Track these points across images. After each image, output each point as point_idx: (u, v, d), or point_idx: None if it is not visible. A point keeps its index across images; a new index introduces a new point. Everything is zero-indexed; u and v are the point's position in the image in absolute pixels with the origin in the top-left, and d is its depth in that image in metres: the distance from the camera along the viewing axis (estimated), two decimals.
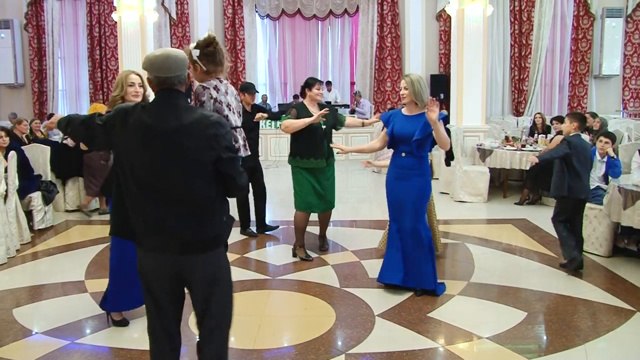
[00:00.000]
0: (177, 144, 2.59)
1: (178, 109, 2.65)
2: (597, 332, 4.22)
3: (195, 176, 2.63)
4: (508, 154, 9.09)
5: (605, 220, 6.03)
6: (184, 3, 15.52)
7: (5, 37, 15.22)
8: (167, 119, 2.62)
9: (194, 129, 2.60)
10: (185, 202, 2.65)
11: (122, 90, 4.10)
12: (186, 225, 2.67)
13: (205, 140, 2.60)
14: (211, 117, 2.66)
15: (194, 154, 2.60)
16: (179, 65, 2.68)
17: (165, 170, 2.61)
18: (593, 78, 15.33)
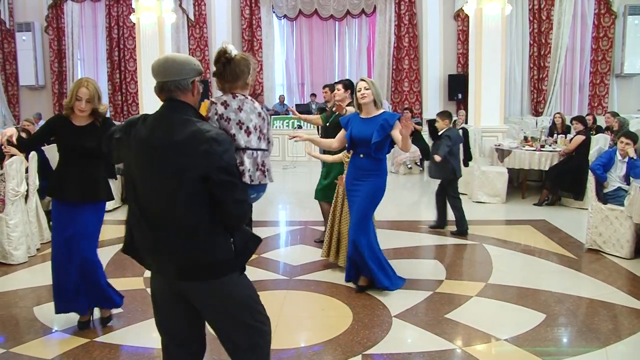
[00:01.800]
0: (169, 160, 2.39)
1: (174, 121, 2.45)
2: (618, 336, 4.16)
3: (186, 196, 2.39)
4: (527, 155, 9.02)
5: (627, 222, 5.95)
6: (202, 4, 15.59)
7: (26, 40, 15.41)
8: (160, 132, 2.44)
9: (186, 145, 2.37)
10: (178, 224, 2.43)
11: (70, 100, 4.09)
12: (181, 248, 2.46)
13: (197, 157, 2.35)
14: (208, 132, 2.38)
15: (185, 171, 2.37)
16: (177, 69, 2.50)
17: (158, 188, 2.43)
18: (614, 77, 15.14)
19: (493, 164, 9.88)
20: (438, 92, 15.37)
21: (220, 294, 2.54)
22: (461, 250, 6.49)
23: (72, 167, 4.15)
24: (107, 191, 4.30)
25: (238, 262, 2.57)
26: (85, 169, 4.14)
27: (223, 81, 2.70)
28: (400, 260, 5.99)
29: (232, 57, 2.71)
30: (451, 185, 7.10)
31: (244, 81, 2.73)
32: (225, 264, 2.51)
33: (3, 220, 5.95)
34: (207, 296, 2.55)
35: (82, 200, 4.13)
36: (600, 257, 6.07)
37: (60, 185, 4.16)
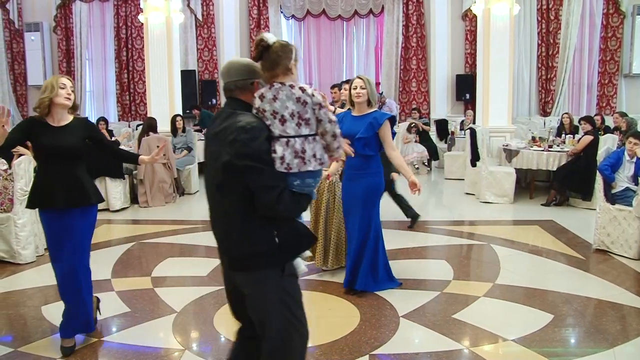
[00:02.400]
0: (211, 151, 2.64)
1: (226, 115, 2.62)
2: (626, 336, 4.14)
3: (220, 184, 2.56)
4: (535, 155, 9.00)
5: (635, 222, 5.93)
6: (210, 4, 15.61)
7: (35, 40, 15.46)
8: (214, 124, 2.67)
9: (220, 135, 2.55)
10: (220, 213, 2.63)
11: (52, 92, 3.82)
12: (225, 237, 2.63)
13: (226, 145, 2.49)
14: (239, 122, 2.51)
15: (217, 160, 2.54)
16: (238, 71, 2.69)
17: (209, 178, 2.67)
18: (623, 77, 15.04)
19: (501, 164, 9.86)
20: (446, 92, 15.33)
21: (254, 287, 2.61)
22: (469, 251, 6.48)
23: (56, 172, 3.87)
24: (97, 193, 4.08)
25: (280, 256, 2.59)
26: (71, 171, 3.91)
27: (263, 70, 2.71)
28: (407, 260, 5.99)
29: (270, 45, 2.70)
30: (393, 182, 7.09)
31: (284, 67, 2.70)
32: (264, 257, 2.55)
33: (11, 220, 5.99)
34: (245, 287, 2.64)
35: (73, 206, 3.87)
36: (608, 258, 6.05)
37: (48, 193, 3.84)
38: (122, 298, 5.00)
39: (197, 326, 4.47)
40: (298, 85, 2.65)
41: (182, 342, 4.14)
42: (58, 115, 3.91)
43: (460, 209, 8.90)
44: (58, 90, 3.84)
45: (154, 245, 6.81)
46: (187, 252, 6.58)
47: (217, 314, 4.62)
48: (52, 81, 3.88)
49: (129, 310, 4.72)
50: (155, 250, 6.60)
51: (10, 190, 6.04)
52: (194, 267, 5.98)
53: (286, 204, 2.52)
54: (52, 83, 3.86)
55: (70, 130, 3.91)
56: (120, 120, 15.78)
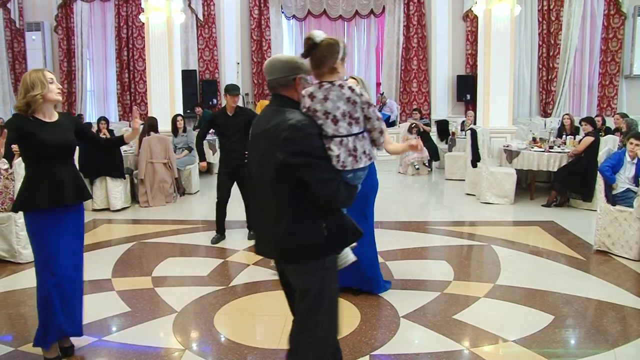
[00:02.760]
0: (260, 147, 2.70)
1: (272, 112, 2.72)
2: (626, 337, 4.14)
3: (272, 181, 2.64)
4: (535, 156, 8.99)
5: (636, 223, 5.93)
6: (211, 4, 15.61)
7: (36, 39, 15.47)
8: (261, 123, 2.74)
9: (271, 133, 2.63)
10: (269, 208, 2.69)
11: (43, 88, 3.63)
12: (274, 232, 2.70)
13: (278, 143, 2.58)
14: (289, 120, 2.60)
15: (268, 157, 2.62)
16: (279, 69, 2.74)
17: (255, 174, 2.76)
18: (624, 78, 15.04)
19: (501, 164, 9.85)
20: (447, 93, 15.34)
21: (303, 278, 2.75)
22: (469, 251, 6.48)
23: (60, 168, 3.75)
24: (87, 189, 4.01)
25: (329, 248, 2.73)
26: (70, 166, 3.84)
27: (312, 67, 2.78)
28: (408, 260, 5.99)
29: (317, 43, 2.75)
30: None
31: (329, 66, 2.75)
32: (314, 248, 2.68)
33: (12, 219, 5.99)
34: (294, 278, 2.79)
35: (82, 200, 3.86)
36: (609, 259, 6.04)
37: (58, 190, 3.70)
38: (122, 298, 4.99)
39: (197, 326, 4.47)
40: (346, 84, 2.72)
41: (182, 342, 4.13)
42: (49, 111, 3.76)
43: (461, 210, 8.90)
44: (49, 85, 3.68)
45: (155, 245, 6.81)
46: (188, 252, 6.58)
47: (217, 314, 4.61)
48: (38, 77, 3.66)
49: (129, 310, 4.71)
50: (155, 250, 6.60)
51: (11, 190, 6.03)
52: (194, 267, 5.98)
53: (343, 195, 2.66)
54: (39, 79, 3.65)
55: (62, 126, 3.79)
56: (121, 120, 15.79)
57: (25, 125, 3.61)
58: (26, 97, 3.62)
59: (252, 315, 4.74)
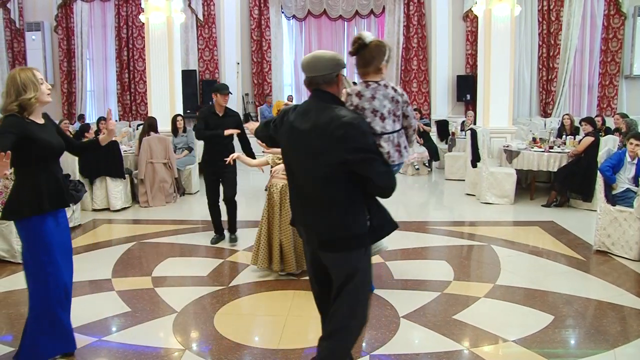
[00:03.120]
0: (310, 143, 2.75)
1: (318, 109, 2.79)
2: (626, 338, 4.14)
3: (324, 176, 2.75)
4: (535, 156, 8.99)
5: (636, 223, 5.93)
6: (211, 4, 15.61)
7: (36, 39, 15.48)
8: (306, 118, 2.79)
9: (324, 129, 2.70)
10: (318, 201, 2.81)
11: (36, 90, 3.47)
12: (321, 222, 2.84)
13: (334, 140, 2.67)
14: (344, 117, 2.70)
15: (322, 154, 2.71)
16: (324, 65, 2.82)
17: (302, 168, 2.83)
18: (624, 78, 15.05)
19: (501, 165, 9.85)
20: (447, 93, 15.34)
21: (349, 265, 2.86)
22: (469, 252, 6.48)
23: (56, 171, 3.67)
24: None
25: (371, 238, 2.89)
26: (59, 169, 3.75)
27: (357, 66, 2.95)
28: (408, 261, 5.99)
29: (366, 44, 2.89)
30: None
31: (375, 67, 2.89)
32: (360, 238, 2.84)
33: None
34: (339, 265, 2.88)
35: (76, 202, 3.87)
36: (609, 259, 6.04)
37: (57, 193, 3.64)
38: (122, 298, 4.99)
39: (197, 326, 4.47)
40: (390, 84, 2.90)
41: (182, 342, 4.13)
42: (39, 113, 3.60)
43: (461, 210, 8.90)
44: (40, 86, 3.51)
45: (155, 245, 6.81)
46: (188, 252, 6.57)
47: (217, 314, 4.62)
48: (29, 77, 3.47)
49: (129, 310, 4.71)
50: (155, 250, 6.60)
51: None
52: (194, 267, 5.98)
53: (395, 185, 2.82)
54: (31, 80, 3.46)
55: (49, 128, 3.64)
56: (120, 120, 15.79)
57: (27, 127, 3.43)
58: (19, 100, 3.43)
59: (252, 315, 4.74)
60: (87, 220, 8.10)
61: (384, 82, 2.87)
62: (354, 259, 2.87)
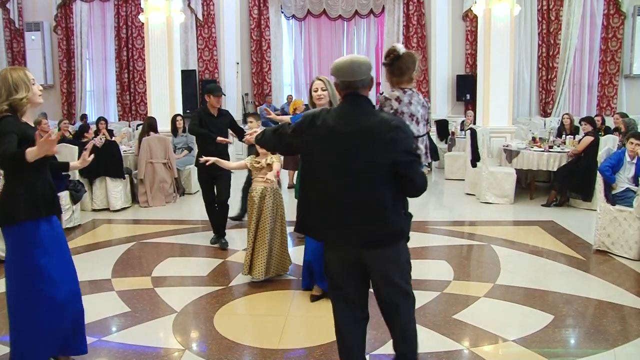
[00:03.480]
0: (355, 146, 2.78)
1: (360, 112, 2.85)
2: (626, 337, 4.14)
3: (371, 177, 2.80)
4: (535, 155, 8.99)
5: (636, 223, 5.93)
6: (210, 4, 15.61)
7: (35, 39, 15.47)
8: (347, 122, 2.81)
9: (373, 133, 2.76)
10: (364, 201, 2.83)
11: (28, 90, 3.32)
12: (365, 222, 2.86)
13: (383, 143, 2.75)
14: (392, 121, 2.81)
15: (371, 156, 2.76)
16: (362, 69, 2.86)
17: (345, 171, 2.81)
18: (623, 78, 15.05)
19: (501, 164, 9.85)
20: (446, 93, 15.33)
21: (392, 258, 2.97)
22: (469, 251, 6.48)
23: (47, 176, 3.50)
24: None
25: (407, 230, 3.08)
26: (49, 175, 3.54)
27: (391, 75, 3.15)
28: None
29: (400, 55, 3.13)
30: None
31: (409, 76, 3.16)
32: (400, 232, 2.98)
33: None
34: (382, 260, 2.94)
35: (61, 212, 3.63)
36: (609, 259, 6.04)
37: (50, 199, 3.47)
38: (122, 298, 4.99)
39: (197, 326, 4.47)
40: (419, 92, 3.16)
41: (182, 342, 4.13)
42: (30, 116, 3.47)
43: (461, 210, 8.90)
44: (32, 87, 3.36)
45: (154, 245, 6.81)
46: (187, 252, 6.57)
47: (217, 314, 4.62)
48: (21, 77, 3.33)
49: (129, 310, 4.71)
50: (155, 250, 6.60)
51: None
52: (194, 267, 5.98)
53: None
54: (23, 80, 3.32)
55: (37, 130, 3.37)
56: (120, 120, 15.79)
57: (25, 129, 3.30)
58: (9, 100, 3.27)
59: (252, 315, 4.75)
60: (87, 220, 8.10)
61: (414, 89, 3.10)
62: (400, 249, 3.01)
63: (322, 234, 3.02)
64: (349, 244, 2.93)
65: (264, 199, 5.24)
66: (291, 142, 3.03)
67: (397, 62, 3.09)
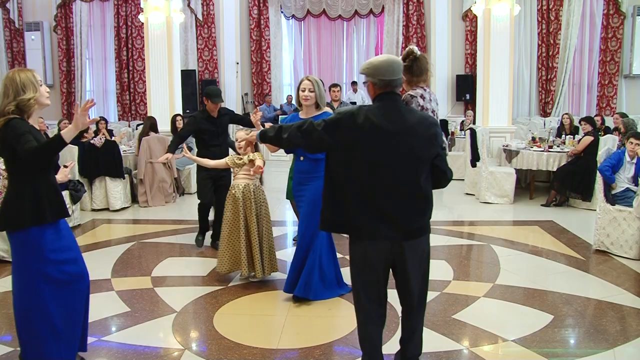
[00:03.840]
0: (403, 142, 2.92)
1: (401, 110, 2.99)
2: (626, 337, 4.14)
3: (418, 171, 2.97)
4: (535, 155, 9.00)
5: (635, 223, 5.93)
6: (210, 4, 15.62)
7: (35, 39, 15.48)
8: (392, 120, 2.93)
9: (418, 129, 2.95)
10: (411, 193, 2.98)
11: (35, 91, 3.28)
12: (410, 214, 3.00)
13: (427, 138, 2.97)
14: (430, 118, 3.10)
15: (418, 151, 2.94)
16: (399, 69, 3.02)
17: (393, 166, 2.93)
18: (623, 78, 15.05)
19: (501, 164, 9.86)
20: (446, 93, 15.35)
21: (425, 247, 3.15)
22: (469, 251, 6.48)
23: (53, 179, 3.47)
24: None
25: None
26: (55, 178, 3.51)
27: (411, 75, 3.38)
28: None
29: (417, 56, 3.45)
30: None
31: (426, 75, 3.46)
32: (429, 223, 3.15)
33: None
34: (419, 249, 3.09)
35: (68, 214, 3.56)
36: (608, 259, 6.04)
37: (59, 202, 3.42)
38: (122, 298, 4.99)
39: (197, 326, 4.47)
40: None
41: (182, 342, 4.13)
42: (36, 118, 3.43)
43: (460, 210, 8.90)
44: (39, 88, 3.32)
45: (154, 245, 6.81)
46: (187, 252, 6.57)
47: (217, 314, 4.61)
48: (28, 78, 3.29)
49: (129, 310, 4.71)
50: (155, 250, 6.60)
51: None
52: (194, 267, 5.98)
53: None
54: (30, 80, 3.29)
55: (41, 135, 3.40)
56: (120, 119, 15.80)
57: (33, 131, 3.24)
58: (17, 101, 3.22)
59: (252, 315, 4.74)
60: (87, 220, 8.10)
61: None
62: (428, 239, 3.18)
63: (365, 229, 3.03)
64: (392, 237, 3.01)
65: (247, 196, 5.15)
66: (323, 138, 3.03)
67: (417, 63, 3.39)
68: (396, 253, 3.04)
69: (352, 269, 3.19)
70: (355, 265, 3.16)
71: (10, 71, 3.34)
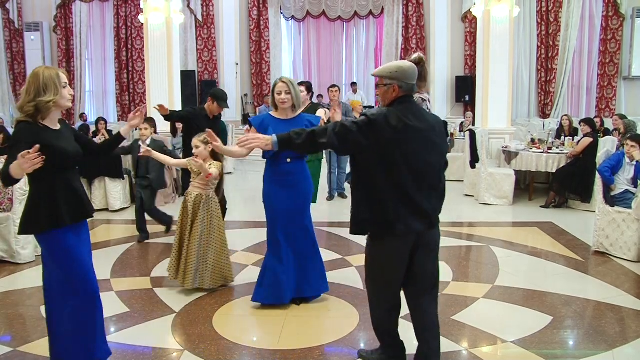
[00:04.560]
0: (431, 140, 3.21)
1: (420, 111, 3.31)
2: (625, 338, 4.14)
3: (440, 166, 3.30)
4: (534, 157, 9.00)
5: (634, 225, 5.93)
6: (210, 5, 15.63)
7: (35, 40, 15.48)
8: (419, 120, 3.17)
9: (436, 127, 3.27)
10: (437, 188, 3.30)
11: (56, 93, 3.20)
12: (436, 206, 3.35)
13: (443, 137, 3.36)
14: (438, 118, 3.44)
15: (440, 146, 3.29)
16: (417, 74, 3.28)
17: (424, 163, 3.18)
18: (622, 79, 15.07)
19: (500, 165, 9.86)
20: (445, 94, 15.36)
21: (438, 233, 3.55)
22: (468, 252, 6.48)
23: (75, 180, 3.41)
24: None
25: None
26: (76, 178, 3.46)
27: (419, 80, 3.42)
28: None
29: (424, 63, 3.65)
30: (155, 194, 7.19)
31: (426, 80, 3.87)
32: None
33: (11, 220, 5.98)
34: (436, 236, 3.53)
35: (93, 213, 3.54)
36: (608, 260, 6.05)
37: (79, 204, 3.37)
38: (121, 298, 4.99)
39: (196, 326, 4.47)
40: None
41: (181, 342, 4.13)
42: (56, 117, 3.35)
43: (460, 211, 8.90)
44: (62, 91, 3.24)
45: (154, 245, 6.81)
46: None
47: (217, 314, 4.61)
48: (52, 79, 3.21)
49: (128, 310, 4.71)
50: (154, 250, 6.60)
51: (10, 190, 6.03)
52: None
53: None
54: (54, 82, 3.20)
55: (66, 134, 3.39)
56: (119, 120, 15.81)
57: (40, 134, 3.15)
58: (36, 101, 3.16)
59: (251, 315, 4.74)
60: None
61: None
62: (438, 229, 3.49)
63: (400, 224, 3.19)
64: (421, 229, 3.30)
65: (198, 207, 5.05)
66: (359, 140, 3.10)
67: (424, 69, 3.57)
68: (418, 242, 3.34)
69: (375, 269, 3.41)
70: (379, 265, 3.39)
71: (38, 67, 3.28)
